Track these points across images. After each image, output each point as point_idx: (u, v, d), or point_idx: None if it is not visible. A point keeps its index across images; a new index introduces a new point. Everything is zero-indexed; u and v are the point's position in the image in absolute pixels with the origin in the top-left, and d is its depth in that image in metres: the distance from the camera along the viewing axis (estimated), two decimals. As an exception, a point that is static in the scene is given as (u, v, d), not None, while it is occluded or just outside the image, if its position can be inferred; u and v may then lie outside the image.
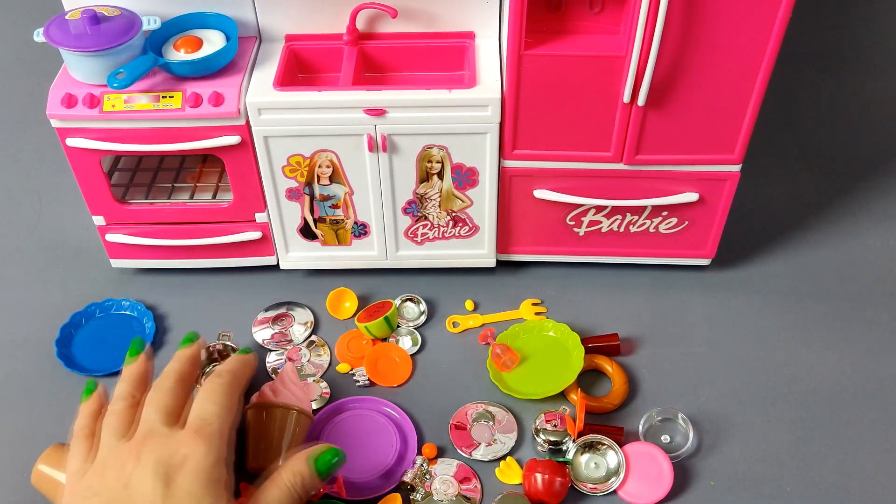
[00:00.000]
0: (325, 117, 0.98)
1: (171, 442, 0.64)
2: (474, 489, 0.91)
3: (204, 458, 0.64)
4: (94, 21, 0.96)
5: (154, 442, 0.65)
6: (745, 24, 0.89)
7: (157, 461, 0.62)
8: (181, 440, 0.65)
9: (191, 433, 0.66)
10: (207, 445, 0.65)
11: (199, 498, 0.61)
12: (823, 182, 1.34)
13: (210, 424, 0.67)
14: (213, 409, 0.69)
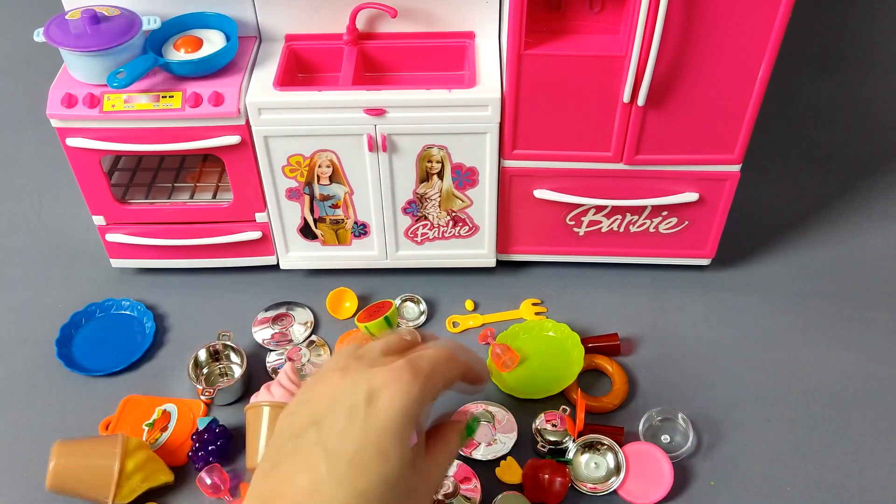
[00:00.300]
0: (325, 117, 0.98)
1: (383, 368, 0.62)
2: (474, 489, 0.91)
3: (407, 389, 0.60)
4: (94, 21, 0.96)
5: (367, 362, 0.64)
6: (745, 23, 0.89)
7: (363, 379, 0.61)
8: (393, 367, 0.62)
9: (403, 363, 0.62)
10: (414, 378, 0.61)
11: (394, 425, 0.58)
12: (823, 182, 1.34)
13: (425, 364, 0.63)
14: (433, 354, 0.65)
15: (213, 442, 0.93)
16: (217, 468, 0.90)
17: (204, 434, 0.94)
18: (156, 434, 0.97)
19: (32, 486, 0.92)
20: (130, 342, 1.08)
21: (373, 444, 0.57)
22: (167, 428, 0.97)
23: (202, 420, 0.97)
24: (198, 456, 0.92)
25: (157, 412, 0.99)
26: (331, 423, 0.58)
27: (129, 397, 1.01)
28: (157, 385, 1.04)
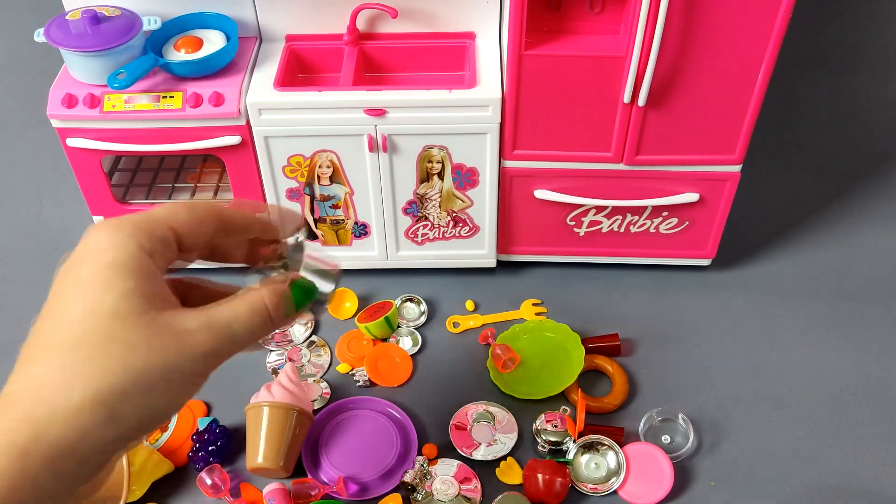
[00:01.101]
0: (325, 117, 0.98)
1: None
2: (474, 489, 0.91)
3: (100, 234, 0.45)
4: (95, 21, 0.96)
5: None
6: (746, 24, 0.89)
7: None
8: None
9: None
10: (116, 225, 0.45)
11: (80, 275, 0.43)
12: (823, 182, 1.34)
13: (138, 216, 0.47)
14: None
15: (213, 442, 0.93)
16: (217, 468, 0.90)
17: (204, 434, 0.94)
18: (156, 434, 0.97)
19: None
20: (131, 342, 1.08)
21: (60, 295, 0.43)
22: (167, 428, 0.97)
23: (202, 420, 0.97)
24: (198, 456, 0.92)
25: (158, 412, 0.99)
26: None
27: (130, 397, 1.01)
28: (158, 385, 1.03)
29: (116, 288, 0.41)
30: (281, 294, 0.48)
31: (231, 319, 0.46)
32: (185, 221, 0.47)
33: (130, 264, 0.42)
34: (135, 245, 0.43)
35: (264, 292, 0.47)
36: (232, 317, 0.46)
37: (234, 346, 0.46)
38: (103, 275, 0.42)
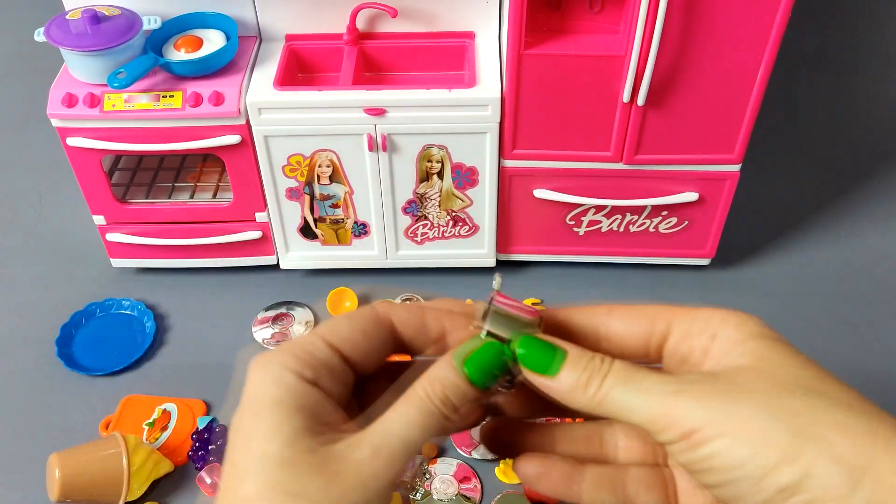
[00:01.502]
0: (325, 117, 0.98)
1: None
2: (474, 489, 0.91)
3: (261, 369, 0.40)
4: (95, 21, 0.96)
5: None
6: (745, 24, 0.89)
7: None
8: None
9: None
10: (272, 355, 0.40)
11: (247, 412, 0.40)
12: (823, 182, 1.34)
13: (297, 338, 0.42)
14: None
15: (213, 441, 0.93)
16: (217, 468, 0.90)
17: (204, 433, 0.94)
18: (156, 433, 0.97)
19: (33, 486, 0.92)
20: (131, 342, 1.09)
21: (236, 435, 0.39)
22: (167, 427, 0.97)
23: (202, 419, 0.97)
24: (198, 455, 0.92)
25: (158, 412, 0.99)
26: None
27: (130, 397, 1.01)
28: (158, 384, 1.04)
29: (282, 431, 0.36)
30: (450, 381, 0.38)
31: (404, 432, 0.37)
32: (347, 337, 0.39)
33: (293, 401, 0.37)
34: (293, 377, 0.37)
35: (426, 385, 0.38)
36: (404, 429, 0.37)
37: (411, 455, 0.38)
38: (265, 418, 0.37)
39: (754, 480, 0.30)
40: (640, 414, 0.33)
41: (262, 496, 0.34)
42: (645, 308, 0.37)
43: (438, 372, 0.38)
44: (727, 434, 0.30)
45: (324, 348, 0.38)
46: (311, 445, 0.35)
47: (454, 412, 0.37)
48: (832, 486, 0.29)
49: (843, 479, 0.29)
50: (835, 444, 0.29)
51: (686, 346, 0.36)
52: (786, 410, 0.30)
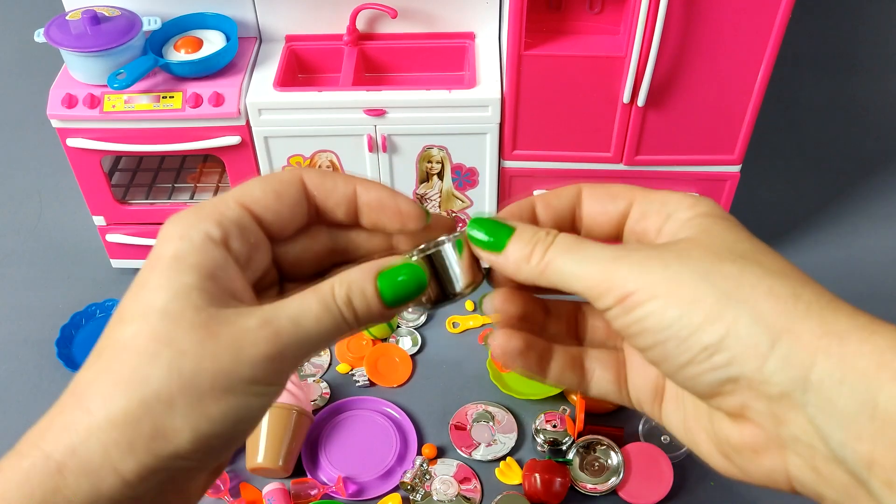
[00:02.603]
0: (325, 117, 0.98)
1: None
2: (474, 489, 0.91)
3: (171, 225, 0.38)
4: (95, 21, 0.96)
5: None
6: (745, 24, 0.89)
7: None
8: None
9: None
10: (184, 214, 0.38)
11: (148, 268, 0.38)
12: (823, 182, 1.34)
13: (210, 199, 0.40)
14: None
15: (213, 442, 0.93)
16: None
17: (204, 434, 0.94)
18: (156, 434, 0.97)
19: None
20: (131, 342, 1.08)
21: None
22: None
23: (202, 420, 0.96)
24: (198, 456, 0.92)
25: (158, 412, 0.99)
26: None
27: (130, 397, 1.01)
28: (158, 385, 1.04)
29: (172, 285, 0.35)
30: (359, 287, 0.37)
31: (297, 315, 0.36)
32: (259, 197, 0.38)
33: (192, 257, 0.36)
34: (199, 234, 0.36)
35: (336, 283, 0.37)
36: (298, 312, 0.36)
37: (301, 347, 0.36)
38: (160, 270, 0.36)
39: (681, 340, 0.31)
40: (580, 281, 0.34)
41: (136, 342, 0.34)
42: (611, 188, 0.39)
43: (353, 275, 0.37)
44: (659, 297, 0.32)
45: (234, 207, 0.37)
46: (199, 304, 0.35)
47: (354, 318, 0.37)
48: (751, 345, 0.30)
49: (762, 339, 0.30)
50: (758, 305, 0.31)
51: (642, 225, 0.37)
52: (717, 274, 0.31)
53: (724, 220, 0.35)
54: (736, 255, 0.32)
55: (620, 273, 0.33)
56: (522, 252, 0.36)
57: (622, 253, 0.33)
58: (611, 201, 0.39)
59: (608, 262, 0.33)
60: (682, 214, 0.36)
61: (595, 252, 0.34)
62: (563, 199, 0.40)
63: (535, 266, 0.36)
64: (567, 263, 0.34)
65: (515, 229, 0.37)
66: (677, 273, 0.32)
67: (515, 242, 0.36)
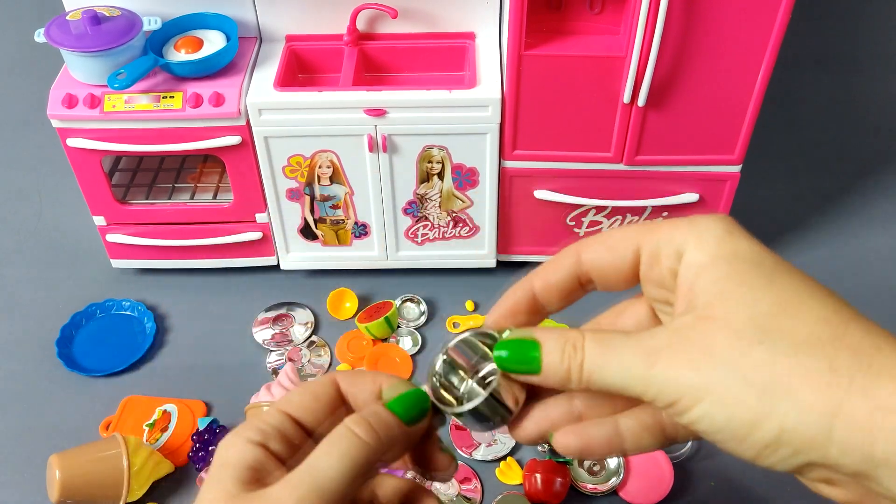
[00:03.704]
0: (325, 117, 0.98)
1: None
2: (474, 489, 0.91)
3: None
4: (95, 21, 0.96)
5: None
6: (745, 24, 0.89)
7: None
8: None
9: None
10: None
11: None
12: (823, 182, 1.34)
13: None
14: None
15: (213, 442, 0.93)
16: (217, 468, 0.90)
17: (204, 434, 0.94)
18: (156, 434, 0.97)
19: (33, 487, 0.92)
20: (131, 342, 1.09)
21: None
22: (167, 428, 0.98)
23: (202, 420, 0.97)
24: (198, 456, 0.92)
25: (158, 412, 0.99)
26: None
27: (130, 397, 1.01)
28: (158, 385, 1.04)
29: (221, 483, 0.39)
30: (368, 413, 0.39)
31: (322, 464, 0.38)
32: (297, 401, 0.42)
33: (235, 459, 0.40)
34: (241, 440, 0.41)
35: (350, 419, 0.39)
36: (313, 460, 0.38)
37: (325, 492, 0.38)
38: (210, 472, 0.41)
39: (739, 440, 0.31)
40: (627, 391, 0.34)
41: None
42: (608, 239, 0.38)
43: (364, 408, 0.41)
44: (703, 401, 0.31)
45: (275, 414, 0.42)
46: (233, 490, 0.39)
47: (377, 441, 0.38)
48: (808, 438, 0.30)
49: (816, 429, 0.29)
50: (800, 392, 0.30)
51: (657, 271, 0.37)
52: (749, 366, 0.31)
53: (734, 262, 0.34)
54: (761, 328, 0.31)
55: (659, 381, 0.33)
56: (560, 371, 0.36)
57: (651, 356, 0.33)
58: (614, 255, 0.38)
59: (645, 369, 0.33)
60: (692, 258, 0.35)
61: (629, 357, 0.34)
62: (562, 271, 0.39)
63: (577, 383, 0.36)
64: (607, 377, 0.35)
65: (541, 344, 0.36)
66: (711, 375, 0.31)
67: (549, 361, 0.36)
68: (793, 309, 0.32)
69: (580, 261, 0.39)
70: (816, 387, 0.30)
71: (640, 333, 0.34)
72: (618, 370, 0.34)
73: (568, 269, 0.39)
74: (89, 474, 0.86)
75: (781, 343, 0.31)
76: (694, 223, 0.36)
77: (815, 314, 0.32)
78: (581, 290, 0.40)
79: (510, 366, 0.37)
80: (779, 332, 0.31)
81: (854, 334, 0.31)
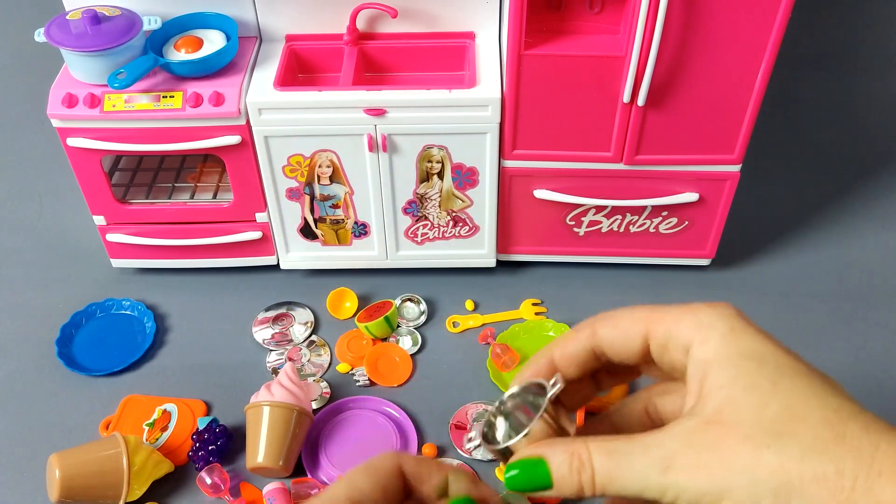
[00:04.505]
0: (325, 117, 0.98)
1: None
2: (474, 489, 0.91)
3: None
4: (95, 21, 0.96)
5: None
6: (745, 24, 0.89)
7: None
8: None
9: None
10: None
11: None
12: (823, 182, 1.34)
13: None
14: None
15: (213, 442, 0.93)
16: (217, 468, 0.90)
17: (204, 434, 0.94)
18: (156, 434, 0.97)
19: (33, 486, 0.92)
20: (131, 342, 1.09)
21: None
22: (167, 428, 0.98)
23: (202, 420, 0.97)
24: (198, 456, 0.92)
25: (158, 412, 0.99)
26: None
27: (130, 397, 1.01)
28: (158, 385, 1.04)
29: None
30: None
31: None
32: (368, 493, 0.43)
33: None
34: None
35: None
36: None
37: None
38: None
39: None
40: (643, 496, 0.35)
41: None
42: (620, 321, 0.40)
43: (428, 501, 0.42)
44: (723, 501, 0.33)
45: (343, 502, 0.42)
46: None
47: None
48: None
49: None
50: (814, 497, 0.32)
51: (667, 359, 0.38)
52: (761, 471, 0.33)
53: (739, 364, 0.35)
54: (769, 433, 0.33)
55: (675, 487, 0.34)
56: (573, 486, 0.37)
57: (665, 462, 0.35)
58: (625, 337, 0.39)
59: (660, 478, 0.35)
60: (698, 354, 0.36)
61: (640, 466, 0.35)
62: (578, 344, 0.41)
63: (591, 495, 0.37)
64: (619, 487, 0.36)
65: (548, 461, 0.38)
66: (726, 479, 0.33)
67: (559, 477, 0.37)
68: (798, 412, 0.34)
69: (596, 336, 0.40)
70: (825, 488, 0.32)
71: (644, 439, 0.36)
72: (631, 480, 0.35)
73: (584, 343, 0.41)
74: (89, 474, 0.86)
75: (790, 447, 0.33)
76: (698, 318, 0.37)
77: (818, 416, 0.33)
78: (596, 361, 0.41)
79: (522, 485, 0.38)
80: (786, 437, 0.33)
81: (854, 433, 0.33)
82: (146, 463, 0.88)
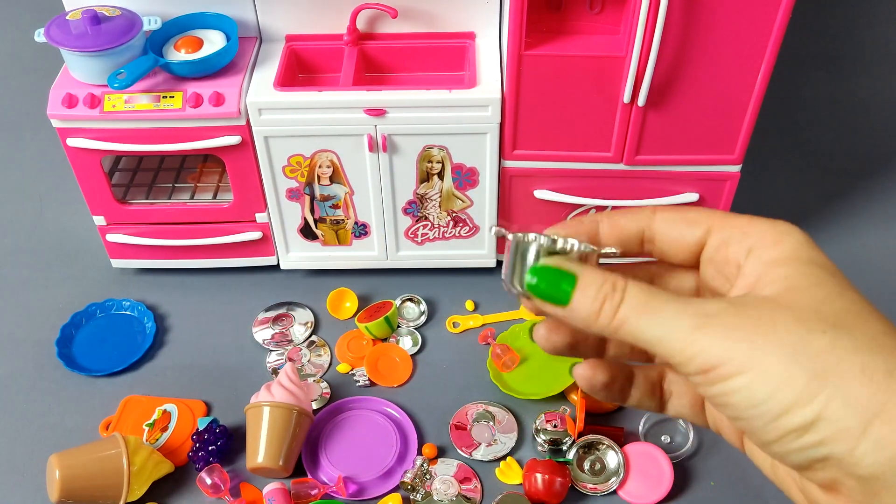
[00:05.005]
0: (325, 117, 0.98)
1: None
2: (474, 489, 0.91)
3: None
4: (95, 21, 0.96)
5: None
6: (745, 24, 0.89)
7: None
8: None
9: None
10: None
11: None
12: (823, 182, 1.34)
13: None
14: None
15: (213, 442, 0.93)
16: (217, 468, 0.90)
17: (204, 434, 0.94)
18: (156, 434, 0.97)
19: (33, 487, 0.92)
20: (131, 342, 1.09)
21: None
22: (167, 428, 0.98)
23: (202, 420, 0.97)
24: (198, 456, 0.92)
25: (158, 412, 0.99)
26: None
27: (130, 397, 1.01)
28: (158, 385, 1.04)
29: None
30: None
31: None
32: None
33: None
34: None
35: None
36: None
37: None
38: None
39: (769, 419, 0.30)
40: (658, 346, 0.32)
41: None
42: (689, 211, 0.37)
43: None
44: (746, 373, 0.30)
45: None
46: None
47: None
48: (843, 428, 0.29)
49: (854, 422, 0.29)
50: (851, 385, 0.29)
51: (722, 255, 0.36)
52: (807, 350, 0.30)
53: (810, 266, 0.33)
54: (826, 321, 0.31)
55: (703, 343, 0.31)
56: (591, 308, 0.34)
57: (703, 320, 0.31)
58: (687, 227, 0.37)
59: (689, 331, 0.31)
60: (764, 254, 0.34)
61: (673, 314, 0.32)
62: (633, 221, 0.38)
63: (606, 324, 0.34)
64: (643, 326, 0.33)
65: (578, 278, 0.34)
66: (765, 348, 0.30)
67: (581, 296, 0.34)
68: (860, 315, 0.31)
69: (653, 219, 0.38)
70: (868, 383, 0.29)
71: (689, 297, 0.33)
72: (658, 323, 0.32)
73: (638, 222, 0.38)
74: (89, 474, 0.86)
75: (846, 338, 0.30)
76: (775, 224, 0.35)
77: (881, 326, 0.31)
78: (639, 248, 0.38)
79: (538, 291, 0.36)
80: (845, 329, 0.30)
81: None
82: (146, 463, 0.88)
